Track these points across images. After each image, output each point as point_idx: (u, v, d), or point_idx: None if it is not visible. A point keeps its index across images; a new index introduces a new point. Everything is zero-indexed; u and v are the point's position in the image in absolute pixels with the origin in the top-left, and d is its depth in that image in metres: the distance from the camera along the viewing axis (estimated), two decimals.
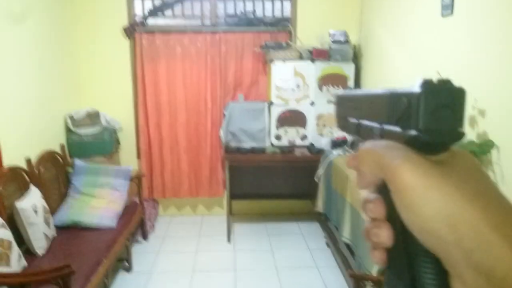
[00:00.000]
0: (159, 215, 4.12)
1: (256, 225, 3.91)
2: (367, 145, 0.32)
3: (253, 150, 3.44)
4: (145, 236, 3.57)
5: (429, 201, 0.26)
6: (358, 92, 0.39)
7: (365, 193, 0.34)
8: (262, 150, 3.43)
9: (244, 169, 3.92)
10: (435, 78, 0.29)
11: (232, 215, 4.14)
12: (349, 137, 3.43)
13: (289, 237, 3.65)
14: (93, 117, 3.48)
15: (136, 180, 3.43)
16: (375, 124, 0.34)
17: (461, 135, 0.28)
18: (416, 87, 0.28)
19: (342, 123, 0.42)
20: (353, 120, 0.38)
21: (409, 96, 0.29)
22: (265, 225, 3.91)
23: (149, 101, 3.76)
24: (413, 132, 0.28)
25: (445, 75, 2.13)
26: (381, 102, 0.33)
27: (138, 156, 3.93)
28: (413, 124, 0.28)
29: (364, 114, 0.36)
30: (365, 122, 0.36)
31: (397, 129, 0.30)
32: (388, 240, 0.30)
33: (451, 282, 0.27)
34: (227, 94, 3.90)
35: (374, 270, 2.02)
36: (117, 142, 3.85)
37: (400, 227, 0.29)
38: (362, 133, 0.37)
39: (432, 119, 0.27)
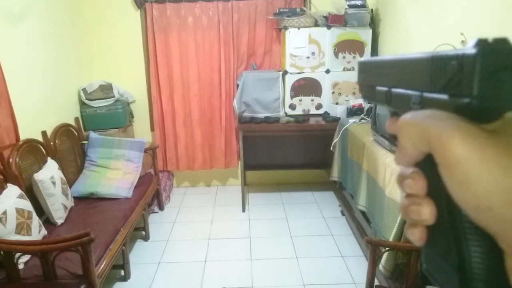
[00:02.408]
0: (174, 186, 4.16)
1: (270, 194, 3.91)
2: (408, 116, 0.28)
3: (267, 120, 3.40)
4: (161, 207, 3.62)
5: (487, 175, 0.23)
6: (387, 57, 0.35)
7: (402, 167, 0.31)
8: (276, 120, 3.38)
9: (258, 139, 3.90)
10: (489, 37, 0.25)
11: (247, 185, 4.15)
12: (365, 105, 3.36)
13: (304, 206, 3.65)
14: (106, 89, 3.47)
15: (150, 152, 3.45)
16: (412, 92, 0.30)
17: None
18: (468, 48, 0.25)
19: (367, 92, 0.39)
20: (381, 88, 0.35)
21: (460, 58, 0.25)
22: (279, 194, 3.91)
23: (161, 73, 3.73)
24: (465, 100, 0.25)
25: (470, 37, 2.03)
26: (421, 67, 0.29)
27: (152, 128, 3.93)
28: (465, 90, 0.25)
29: (396, 82, 0.33)
30: (398, 90, 0.32)
31: (443, 96, 0.27)
32: (430, 218, 0.28)
33: (507, 260, 0.25)
34: (241, 64, 3.83)
35: (390, 237, 2.00)
36: (131, 115, 3.85)
37: (447, 203, 0.27)
38: (394, 102, 0.33)
39: (489, 84, 0.24)
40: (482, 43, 0.24)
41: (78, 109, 3.46)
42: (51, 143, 2.88)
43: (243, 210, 3.56)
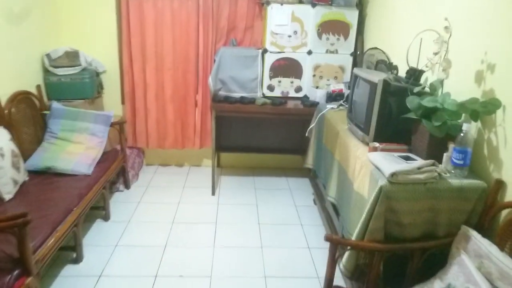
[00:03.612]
0: (144, 164, 3.99)
1: (243, 178, 3.77)
2: None
3: (242, 100, 3.22)
4: (127, 185, 3.45)
5: None
6: None
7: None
8: (251, 101, 3.20)
9: (234, 120, 3.72)
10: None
11: (220, 167, 4.00)
12: (346, 90, 3.19)
13: (276, 192, 3.51)
14: (72, 57, 3.23)
15: (117, 126, 3.25)
16: None
17: None
18: None
19: None
20: None
21: None
22: (253, 179, 3.77)
23: (134, 42, 3.49)
24: None
25: (453, 23, 1.86)
26: None
27: (123, 101, 3.72)
28: None
29: None
30: None
31: None
32: None
33: None
34: (220, 39, 3.61)
35: (355, 232, 1.87)
36: (100, 86, 3.63)
37: None
38: None
39: None
40: None
41: (41, 76, 3.22)
42: (5, 111, 2.66)
43: (213, 194, 3.41)
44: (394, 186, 1.58)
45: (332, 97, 3.16)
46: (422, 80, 2.01)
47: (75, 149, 2.94)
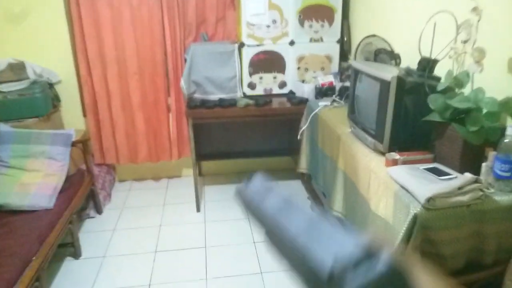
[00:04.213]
0: (117, 180, 3.56)
1: (230, 187, 3.41)
2: None
3: (221, 103, 2.83)
4: (98, 210, 3.03)
5: None
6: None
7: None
8: (232, 103, 2.83)
9: (213, 124, 3.34)
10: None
11: (203, 176, 3.62)
12: (337, 82, 2.86)
13: None
14: (17, 69, 2.76)
15: (80, 145, 2.81)
16: None
17: None
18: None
19: None
20: None
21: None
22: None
23: (90, 47, 3.03)
24: None
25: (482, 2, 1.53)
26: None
27: (85, 114, 3.26)
28: None
29: None
30: None
31: None
32: None
33: None
34: (189, 35, 3.19)
35: None
36: (56, 98, 3.16)
37: None
38: None
39: None
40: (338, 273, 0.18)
41: None
42: None
43: (198, 210, 3.04)
44: (432, 213, 1.26)
45: (322, 91, 2.82)
46: (437, 73, 1.69)
47: (31, 178, 2.50)
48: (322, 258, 0.20)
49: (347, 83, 2.77)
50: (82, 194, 2.69)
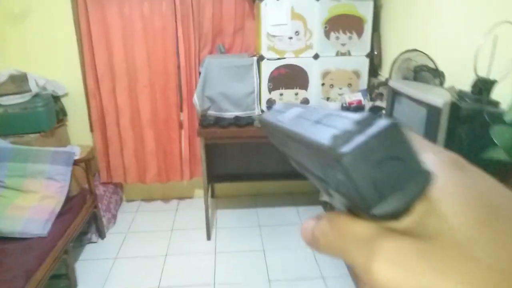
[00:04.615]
0: (124, 200, 3.33)
1: (244, 212, 3.12)
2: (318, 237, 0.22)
3: (237, 121, 2.57)
4: (101, 234, 2.79)
5: None
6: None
7: None
8: (249, 121, 2.57)
9: (227, 145, 3.07)
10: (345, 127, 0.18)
11: (216, 198, 3.35)
12: (366, 101, 2.57)
13: (286, 230, 2.87)
14: (18, 81, 2.57)
15: (83, 164, 2.59)
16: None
17: (426, 177, 0.18)
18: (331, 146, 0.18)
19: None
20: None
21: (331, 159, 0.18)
22: (256, 211, 3.12)
23: (98, 58, 2.83)
24: (364, 209, 0.19)
25: None
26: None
27: (92, 129, 3.05)
28: (357, 199, 0.18)
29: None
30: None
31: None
32: None
33: None
34: (204, 47, 2.96)
35: None
36: (62, 112, 2.96)
37: None
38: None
39: (375, 185, 0.18)
40: (340, 139, 0.18)
41: None
42: None
43: (208, 238, 2.76)
44: None
45: (351, 110, 2.52)
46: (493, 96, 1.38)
47: (26, 201, 2.29)
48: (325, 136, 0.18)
49: (378, 103, 2.47)
50: (82, 218, 2.46)
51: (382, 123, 0.18)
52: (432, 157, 0.21)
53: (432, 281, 0.17)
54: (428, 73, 1.76)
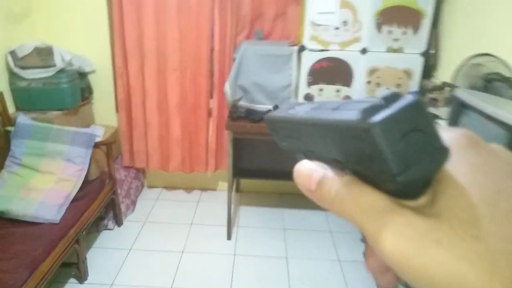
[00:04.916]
0: (146, 186, 3.20)
1: (269, 211, 2.93)
2: (330, 200, 0.23)
3: None
4: (118, 221, 2.67)
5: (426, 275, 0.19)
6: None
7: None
8: None
9: (257, 139, 2.86)
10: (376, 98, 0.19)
11: (240, 193, 3.17)
12: None
13: (312, 236, 2.66)
14: (44, 54, 2.44)
15: (104, 147, 2.46)
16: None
17: (445, 153, 0.19)
18: (360, 119, 0.19)
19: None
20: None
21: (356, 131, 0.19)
22: (281, 212, 2.92)
23: (128, 34, 2.66)
24: (388, 182, 0.20)
25: None
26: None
27: (118, 109, 2.91)
28: (383, 172, 0.19)
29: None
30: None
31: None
32: None
33: None
34: (241, 31, 2.74)
35: None
36: (88, 89, 2.84)
37: None
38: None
39: (404, 156, 0.19)
40: (368, 112, 0.19)
41: (5, 80, 2.45)
42: None
43: (229, 237, 2.59)
44: None
45: None
46: None
47: (42, 182, 2.17)
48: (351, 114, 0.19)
49: (433, 110, 2.18)
50: (98, 205, 2.33)
51: (407, 98, 0.19)
52: (448, 134, 0.22)
53: (435, 255, 0.19)
54: (502, 83, 1.48)
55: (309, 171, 0.24)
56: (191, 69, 2.74)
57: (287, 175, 2.52)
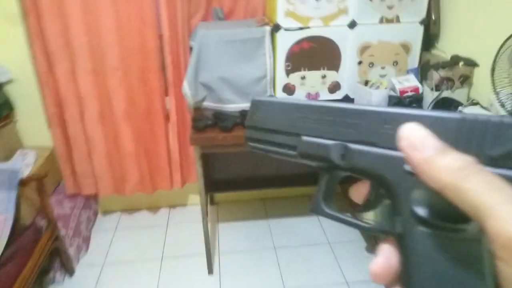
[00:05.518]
0: (100, 213, 2.64)
1: (253, 225, 2.47)
2: (443, 168, 0.23)
3: (243, 117, 1.86)
4: (68, 270, 2.11)
5: None
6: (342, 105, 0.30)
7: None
8: None
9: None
10: None
11: (216, 206, 2.68)
12: (424, 88, 1.85)
13: (310, 253, 2.22)
14: None
15: (33, 183, 1.87)
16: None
17: None
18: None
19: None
20: (322, 141, 0.32)
21: None
22: (267, 224, 2.47)
23: (50, 31, 2.03)
24: None
25: None
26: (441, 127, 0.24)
27: (50, 126, 2.30)
28: None
29: (365, 137, 0.29)
30: (370, 149, 0.29)
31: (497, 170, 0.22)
32: None
33: None
34: (196, 12, 2.18)
35: None
36: (7, 105, 2.21)
37: None
38: (358, 163, 0.30)
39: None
40: None
41: None
42: None
43: (210, 271, 2.11)
44: None
45: (403, 102, 1.81)
46: None
47: None
48: None
49: (447, 93, 1.75)
50: (35, 262, 1.77)
51: None
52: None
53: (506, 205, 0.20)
54: None
55: (427, 134, 0.24)
56: (136, 65, 2.16)
57: (269, 181, 2.04)
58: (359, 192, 0.31)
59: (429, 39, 2.04)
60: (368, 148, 0.28)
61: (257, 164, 2.45)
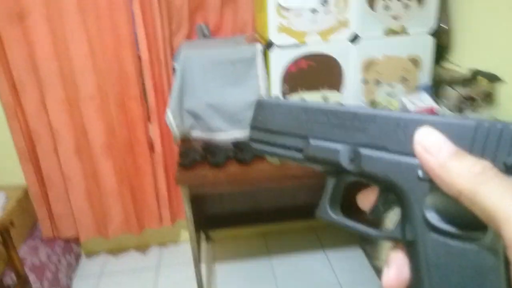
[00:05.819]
0: (83, 255, 2.38)
1: (254, 265, 2.21)
2: (456, 174, 0.22)
3: (239, 155, 1.62)
4: None
5: None
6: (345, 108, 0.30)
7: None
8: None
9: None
10: None
11: (212, 243, 2.43)
12: (442, 108, 1.63)
13: None
14: None
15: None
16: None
17: None
18: None
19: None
20: (330, 144, 0.31)
21: None
22: (270, 264, 2.21)
23: (13, 56, 1.80)
24: None
25: None
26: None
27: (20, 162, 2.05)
28: None
29: (374, 140, 0.29)
30: (379, 154, 0.28)
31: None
32: None
33: None
34: (179, 29, 1.96)
35: None
36: None
37: None
38: (366, 167, 0.29)
39: None
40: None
41: None
42: None
43: None
44: None
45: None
46: None
47: None
48: None
49: (471, 113, 1.52)
50: None
51: None
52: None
53: None
54: None
55: (443, 139, 0.24)
56: (114, 92, 1.93)
57: (273, 214, 1.77)
58: (368, 199, 0.30)
59: (439, 51, 1.82)
60: (379, 153, 0.28)
61: (256, 196, 2.21)
